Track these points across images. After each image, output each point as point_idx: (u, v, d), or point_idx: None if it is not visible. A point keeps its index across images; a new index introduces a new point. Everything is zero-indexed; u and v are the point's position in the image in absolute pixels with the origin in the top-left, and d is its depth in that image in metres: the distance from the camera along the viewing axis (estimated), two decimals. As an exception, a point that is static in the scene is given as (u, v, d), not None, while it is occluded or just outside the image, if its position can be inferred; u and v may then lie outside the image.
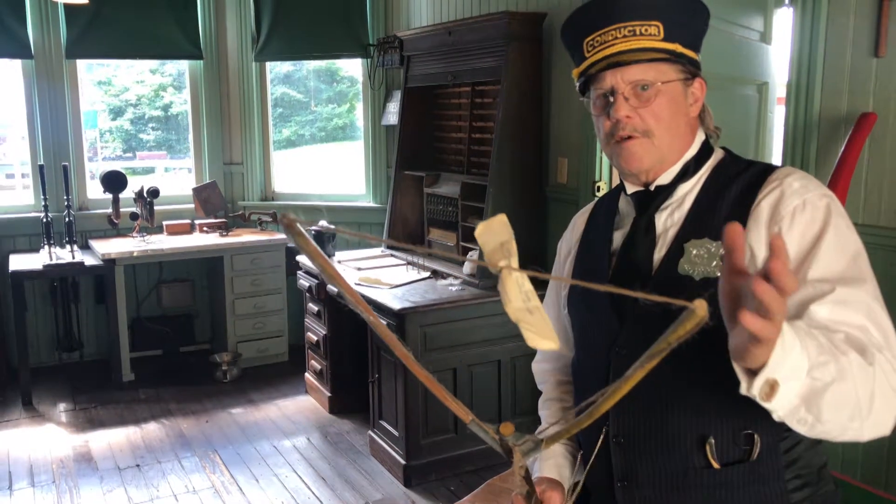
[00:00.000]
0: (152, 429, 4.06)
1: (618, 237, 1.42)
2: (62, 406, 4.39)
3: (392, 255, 4.30)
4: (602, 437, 1.33)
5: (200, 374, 4.82)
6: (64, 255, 4.53)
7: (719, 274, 1.15)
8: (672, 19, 1.30)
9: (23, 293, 4.41)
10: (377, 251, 4.44)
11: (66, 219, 4.64)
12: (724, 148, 1.40)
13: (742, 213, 1.26)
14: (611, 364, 1.32)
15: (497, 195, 3.57)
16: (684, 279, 1.27)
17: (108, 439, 3.94)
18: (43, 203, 4.62)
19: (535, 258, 3.74)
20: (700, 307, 0.74)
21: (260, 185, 5.40)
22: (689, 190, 1.35)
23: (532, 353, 3.63)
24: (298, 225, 0.76)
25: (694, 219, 1.31)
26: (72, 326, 4.99)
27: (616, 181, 3.40)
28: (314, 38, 5.10)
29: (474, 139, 3.99)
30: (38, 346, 4.93)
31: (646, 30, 1.29)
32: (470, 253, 3.76)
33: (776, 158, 2.59)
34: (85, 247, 4.83)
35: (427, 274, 3.85)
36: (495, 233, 0.91)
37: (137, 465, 3.64)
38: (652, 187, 1.36)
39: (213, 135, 5.29)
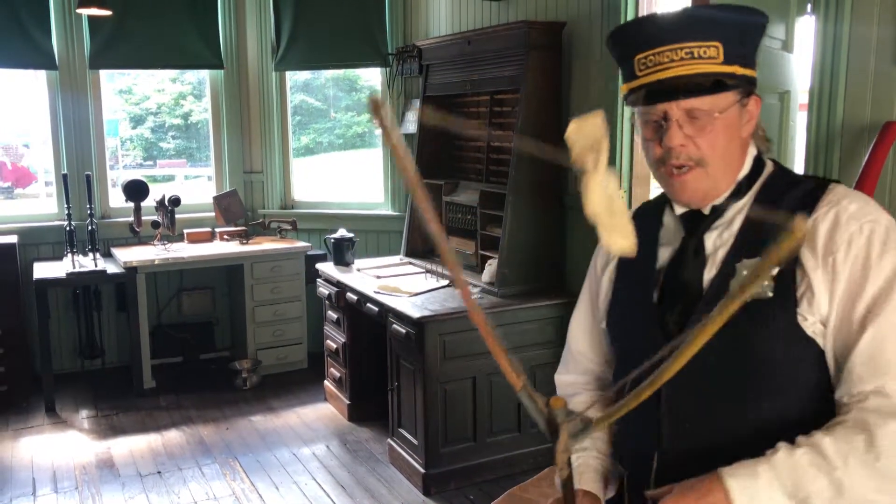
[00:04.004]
0: (173, 436, 4.09)
1: (663, 254, 1.37)
2: (84, 413, 4.43)
3: (410, 263, 4.31)
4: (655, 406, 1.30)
5: (220, 381, 4.85)
6: (87, 262, 4.58)
7: (771, 294, 1.18)
8: (732, 39, 1.22)
9: (46, 301, 4.46)
10: (396, 259, 4.45)
11: (89, 227, 4.70)
12: (773, 160, 1.36)
13: None
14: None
15: (516, 204, 3.58)
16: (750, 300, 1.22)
17: (130, 446, 3.97)
18: (67, 212, 4.68)
19: (554, 266, 3.74)
20: (799, 226, 0.74)
21: (280, 193, 5.44)
22: (740, 209, 1.30)
23: (551, 361, 3.62)
24: (386, 112, 0.72)
25: (744, 238, 1.27)
26: (94, 333, 5.04)
27: (637, 191, 3.39)
28: (333, 47, 5.14)
29: (493, 147, 3.99)
30: (61, 352, 4.98)
31: (704, 52, 1.20)
32: (489, 261, 3.76)
33: (799, 167, 2.58)
34: (107, 255, 4.89)
35: (446, 282, 3.85)
36: (587, 132, 0.89)
37: (159, 472, 3.67)
38: (706, 210, 1.31)
39: (234, 143, 5.34)
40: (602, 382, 1.57)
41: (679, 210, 1.34)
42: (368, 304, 3.74)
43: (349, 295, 3.98)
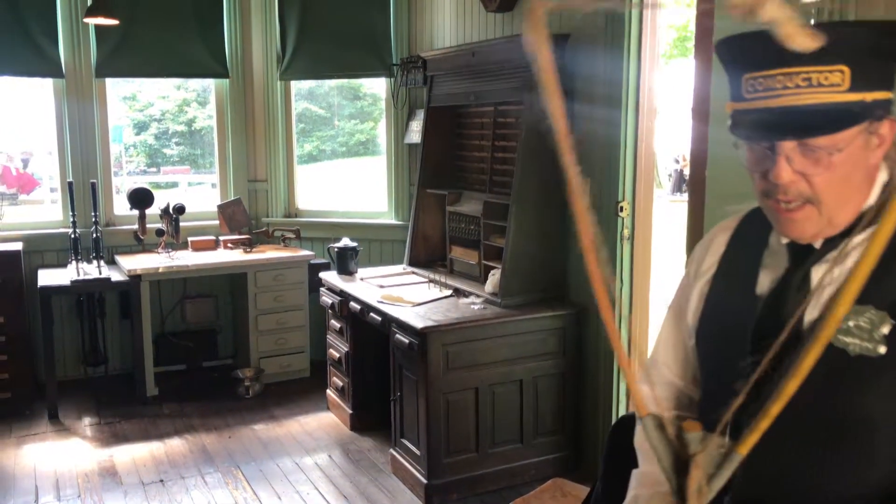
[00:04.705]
0: (176, 444, 4.10)
1: (764, 279, 1.22)
2: (87, 420, 4.44)
3: (414, 273, 4.32)
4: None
5: (223, 389, 4.86)
6: (91, 270, 4.60)
7: (882, 351, 1.02)
8: (862, 61, 1.02)
9: (50, 308, 4.48)
10: (399, 268, 4.46)
11: (94, 235, 4.72)
12: None
13: None
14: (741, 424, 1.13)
15: (519, 214, 3.59)
16: (836, 351, 1.07)
17: (132, 454, 3.98)
18: (71, 219, 4.70)
19: (558, 277, 3.75)
20: None
21: (284, 202, 5.46)
22: (858, 244, 1.12)
23: (554, 372, 3.62)
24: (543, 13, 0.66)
25: None
26: (97, 341, 5.06)
27: (640, 201, 3.41)
28: (338, 57, 5.16)
29: (497, 158, 4.01)
30: (64, 360, 4.99)
31: (826, 78, 1.02)
32: (492, 271, 3.78)
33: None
34: (111, 262, 4.91)
35: (449, 292, 3.86)
36: None
37: (161, 481, 3.67)
38: (817, 245, 1.16)
39: (238, 152, 5.36)
40: (682, 400, 1.42)
41: (786, 238, 1.19)
42: (371, 314, 3.75)
43: (352, 304, 3.99)
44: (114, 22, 4.53)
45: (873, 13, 2.31)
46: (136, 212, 4.85)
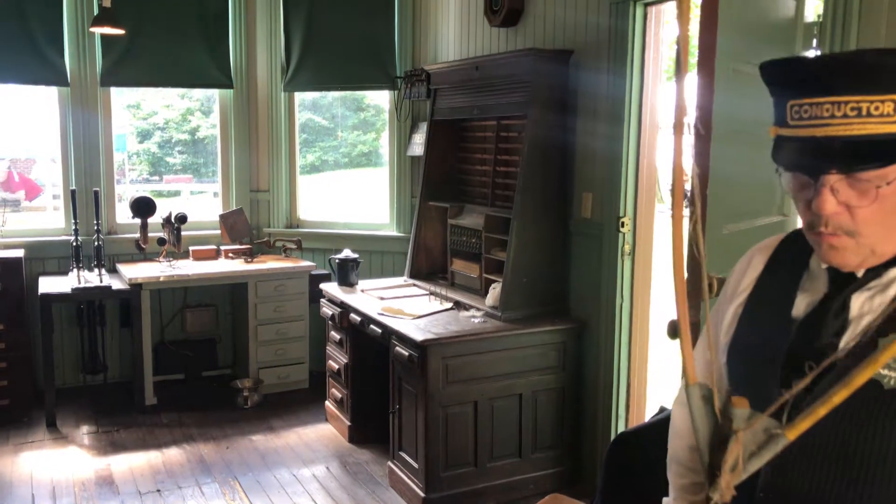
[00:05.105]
0: (173, 454, 4.09)
1: (801, 302, 1.18)
2: (85, 428, 4.43)
3: (415, 285, 4.32)
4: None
5: (222, 399, 4.85)
6: (92, 278, 4.60)
7: None
8: None
9: (50, 315, 4.47)
10: (400, 280, 4.46)
11: (96, 243, 4.72)
12: None
13: None
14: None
15: (521, 228, 3.59)
16: (870, 383, 1.00)
17: (130, 463, 3.96)
18: (73, 227, 4.70)
19: (558, 292, 3.75)
20: None
21: (285, 212, 5.46)
22: None
23: (554, 387, 3.61)
24: None
25: None
26: (97, 349, 5.05)
27: (642, 216, 3.41)
28: (342, 69, 5.19)
29: (499, 172, 4.02)
30: (63, 367, 4.99)
31: (876, 108, 0.97)
32: (493, 285, 3.78)
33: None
34: (112, 270, 4.91)
35: (449, 305, 3.86)
36: None
37: (158, 490, 3.66)
38: (859, 273, 1.11)
39: (241, 162, 5.37)
40: None
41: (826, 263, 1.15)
42: (372, 326, 3.74)
43: (352, 316, 3.99)
44: (120, 31, 4.55)
45: (875, 32, 2.33)
46: (138, 220, 4.85)
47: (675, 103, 0.88)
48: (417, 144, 4.96)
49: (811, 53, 2.59)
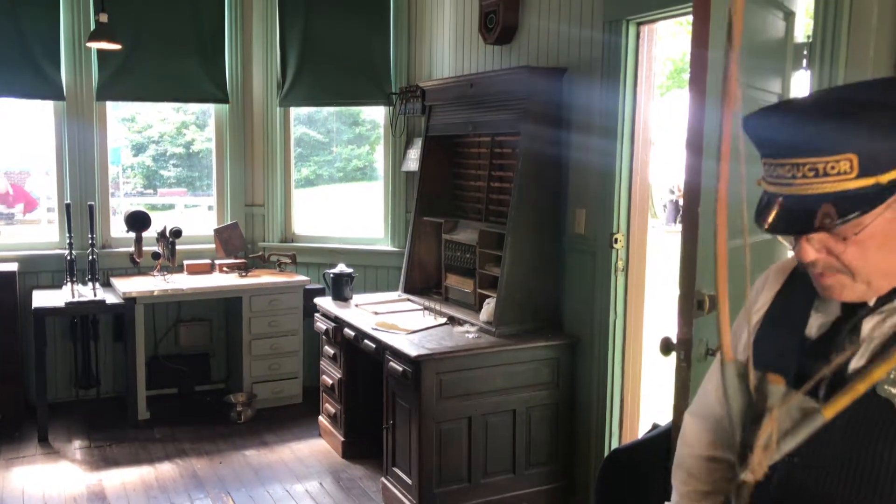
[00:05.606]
0: (166, 469, 4.07)
1: (814, 322, 1.20)
2: (77, 443, 4.41)
3: (409, 300, 4.33)
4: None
5: (215, 414, 4.83)
6: (86, 292, 4.59)
7: None
8: (872, 147, 0.98)
9: (44, 329, 4.46)
10: (394, 295, 4.47)
11: (90, 257, 4.72)
12: None
13: None
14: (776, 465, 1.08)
15: (515, 244, 3.61)
16: (881, 402, 1.04)
17: (122, 478, 3.94)
18: (68, 241, 4.70)
19: (552, 307, 3.76)
20: None
21: (280, 226, 5.47)
22: None
23: (548, 402, 3.60)
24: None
25: None
26: (90, 363, 5.03)
27: (635, 232, 3.43)
28: (338, 84, 5.22)
29: (493, 188, 4.04)
30: (56, 382, 4.96)
31: (832, 168, 0.99)
32: (487, 300, 3.78)
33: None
34: (106, 284, 4.90)
35: (444, 320, 3.87)
36: None
37: (150, 506, 3.64)
38: (871, 302, 1.12)
39: (236, 176, 5.38)
40: (720, 428, 1.38)
41: None
42: (366, 341, 3.75)
43: (346, 331, 3.99)
44: (116, 47, 4.58)
45: (864, 52, 2.36)
46: (132, 234, 4.85)
47: (721, 134, 0.89)
48: (412, 160, 4.99)
49: (801, 73, 2.62)
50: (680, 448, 1.46)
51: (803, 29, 2.73)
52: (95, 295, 4.55)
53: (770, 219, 1.07)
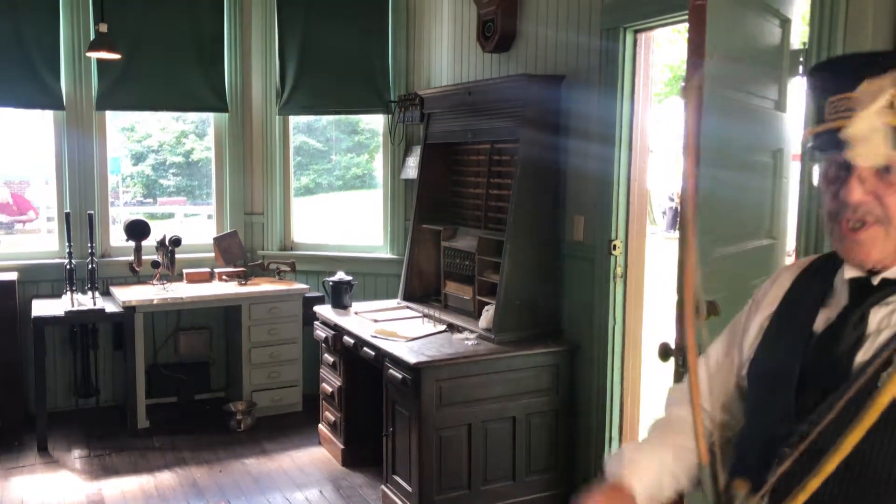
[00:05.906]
0: (166, 477, 4.06)
1: (822, 318, 1.20)
2: (77, 452, 4.40)
3: (408, 308, 4.33)
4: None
5: (215, 422, 4.82)
6: (85, 301, 4.60)
7: None
8: None
9: (43, 338, 4.46)
10: (394, 303, 4.47)
11: (90, 266, 4.72)
12: None
13: None
14: (777, 458, 1.10)
15: (514, 251, 3.62)
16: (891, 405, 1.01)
17: (122, 487, 3.94)
18: (68, 250, 4.71)
19: (551, 314, 3.76)
20: None
21: (279, 235, 5.48)
22: None
23: (547, 409, 3.60)
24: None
25: None
26: (89, 372, 5.03)
27: (633, 239, 3.44)
28: (337, 93, 5.24)
29: (492, 195, 4.05)
30: (56, 391, 4.96)
31: None
32: (486, 307, 3.79)
33: (791, 223, 2.63)
34: (106, 293, 4.90)
35: (443, 327, 3.87)
36: None
37: (150, 515, 3.64)
38: (875, 280, 1.12)
39: (235, 185, 5.39)
40: (709, 423, 1.35)
41: (849, 272, 1.16)
42: (365, 348, 3.75)
43: (346, 338, 3.99)
44: (116, 56, 4.59)
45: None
46: (132, 243, 4.86)
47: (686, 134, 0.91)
48: (411, 167, 5.00)
49: (798, 80, 2.64)
50: (667, 408, 1.48)
51: (799, 36, 2.74)
52: (95, 304, 4.56)
53: (830, 144, 1.08)
